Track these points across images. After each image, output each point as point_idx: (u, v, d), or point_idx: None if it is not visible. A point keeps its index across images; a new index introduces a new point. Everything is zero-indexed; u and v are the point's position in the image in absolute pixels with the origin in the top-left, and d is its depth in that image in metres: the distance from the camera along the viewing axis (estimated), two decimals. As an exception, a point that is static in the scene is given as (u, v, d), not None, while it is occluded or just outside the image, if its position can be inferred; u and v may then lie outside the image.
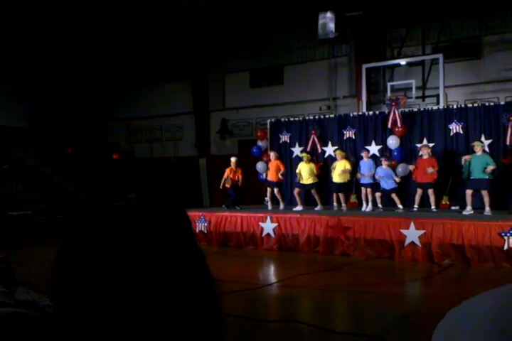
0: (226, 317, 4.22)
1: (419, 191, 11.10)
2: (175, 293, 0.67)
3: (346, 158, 12.31)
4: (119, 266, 0.65)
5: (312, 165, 12.21)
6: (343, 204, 11.90)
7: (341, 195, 11.98)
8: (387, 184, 11.43)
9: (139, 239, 0.67)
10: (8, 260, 6.82)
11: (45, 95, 18.97)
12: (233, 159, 12.91)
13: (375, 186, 11.73)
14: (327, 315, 6.08)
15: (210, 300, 0.72)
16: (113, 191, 15.96)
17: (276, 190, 12.46)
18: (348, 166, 11.87)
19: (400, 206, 11.19)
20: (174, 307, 0.67)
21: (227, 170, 12.81)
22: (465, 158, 10.56)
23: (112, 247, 0.66)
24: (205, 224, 11.45)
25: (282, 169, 12.41)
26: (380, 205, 11.46)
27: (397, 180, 11.41)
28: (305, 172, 12.05)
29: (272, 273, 9.29)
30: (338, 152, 12.28)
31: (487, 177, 10.19)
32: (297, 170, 12.24)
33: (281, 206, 12.30)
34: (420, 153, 11.35)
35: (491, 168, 10.06)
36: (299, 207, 11.98)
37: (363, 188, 11.88)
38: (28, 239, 11.91)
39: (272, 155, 12.74)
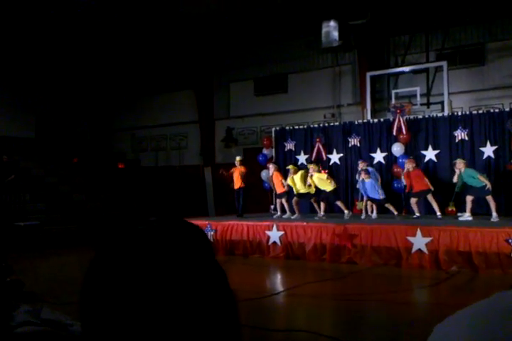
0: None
1: (414, 200, 11.12)
2: (199, 312, 0.70)
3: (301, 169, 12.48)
4: (146, 286, 0.68)
5: (302, 174, 12.13)
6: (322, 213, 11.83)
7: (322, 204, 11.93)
8: (375, 195, 11.44)
9: (163, 262, 0.70)
10: (12, 270, 6.84)
11: (52, 106, 19.10)
12: (238, 157, 12.99)
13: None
14: (335, 323, 6.07)
15: (232, 318, 0.74)
16: (133, 213, 16.00)
17: (283, 200, 12.42)
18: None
19: (395, 213, 11.27)
20: (198, 326, 0.69)
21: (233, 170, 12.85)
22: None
23: (138, 269, 0.69)
24: (212, 233, 11.46)
25: (280, 179, 12.39)
26: (372, 213, 11.57)
27: (380, 194, 11.39)
28: (298, 182, 12.05)
29: (279, 281, 9.27)
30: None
31: (484, 184, 10.21)
32: (286, 183, 12.22)
33: (286, 215, 12.25)
34: (406, 167, 11.30)
35: (482, 178, 10.18)
36: (295, 216, 11.97)
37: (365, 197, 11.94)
38: (36, 250, 11.94)
39: (271, 167, 12.74)
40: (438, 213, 10.95)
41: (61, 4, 13.78)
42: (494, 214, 10.17)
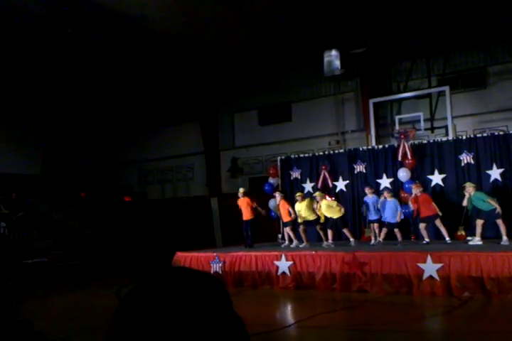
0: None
1: (423, 225, 11.03)
2: None
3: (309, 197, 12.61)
4: (170, 330, 0.73)
5: (308, 201, 12.19)
6: (330, 240, 11.77)
7: (329, 231, 11.88)
8: (392, 219, 11.42)
9: (185, 309, 0.75)
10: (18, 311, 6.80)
11: (57, 141, 19.28)
12: (241, 189, 13.05)
13: (380, 221, 11.80)
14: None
15: None
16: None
17: (288, 229, 12.40)
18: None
19: (400, 239, 11.38)
20: None
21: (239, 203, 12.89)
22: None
23: (163, 313, 0.74)
24: (220, 265, 11.36)
25: (287, 207, 12.38)
26: (381, 240, 11.55)
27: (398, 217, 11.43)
28: (305, 209, 12.07)
29: (289, 313, 9.12)
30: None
31: (493, 207, 10.15)
32: (293, 211, 12.25)
33: (294, 244, 12.20)
34: (414, 192, 11.27)
35: (491, 201, 10.17)
36: (303, 244, 11.96)
37: (371, 224, 11.89)
38: (44, 287, 11.87)
39: (277, 195, 12.76)
40: (447, 238, 10.84)
41: (66, 41, 14.09)
42: (504, 237, 10.06)
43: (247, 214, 12.67)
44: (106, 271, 14.10)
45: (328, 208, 11.74)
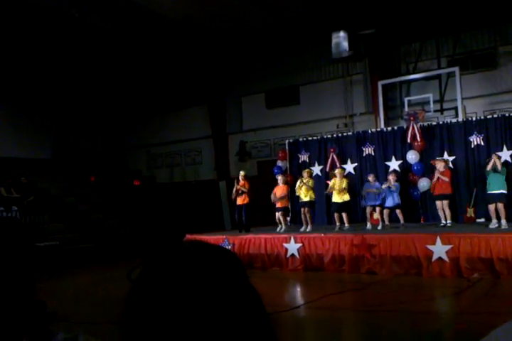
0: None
1: (439, 204, 10.94)
2: (237, 333, 0.74)
3: (345, 176, 12.25)
4: (186, 308, 0.72)
5: (311, 182, 11.94)
6: (346, 225, 11.55)
7: (344, 215, 11.61)
8: (392, 201, 11.32)
9: (201, 283, 0.75)
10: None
11: (67, 126, 19.35)
12: (242, 172, 12.75)
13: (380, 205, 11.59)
14: (357, 336, 5.99)
15: (267, 337, 0.77)
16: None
17: (279, 213, 12.18)
18: (345, 185, 11.67)
19: (402, 222, 11.18)
20: None
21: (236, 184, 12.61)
22: None
23: (181, 293, 0.74)
24: (229, 247, 11.42)
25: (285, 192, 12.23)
26: (387, 222, 11.38)
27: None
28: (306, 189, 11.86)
29: (299, 294, 9.20)
30: (338, 170, 11.99)
31: (502, 191, 10.08)
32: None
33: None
34: (437, 167, 11.14)
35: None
36: (309, 227, 11.77)
37: (368, 208, 11.72)
38: (56, 269, 12.02)
39: (280, 178, 12.49)
40: (449, 221, 10.75)
41: (77, 26, 14.04)
42: (503, 221, 9.98)
43: (241, 199, 12.39)
44: (116, 253, 14.24)
45: (341, 185, 11.66)
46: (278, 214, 12.19)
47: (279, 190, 12.33)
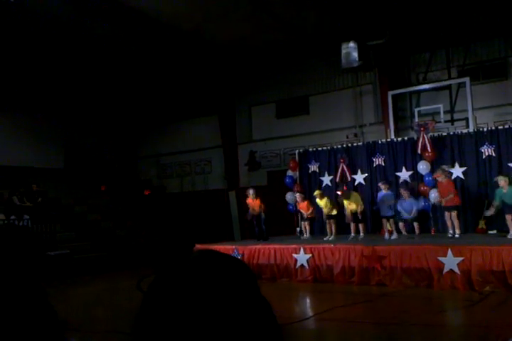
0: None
1: (447, 215, 10.89)
2: None
3: (355, 189, 12.98)
4: (198, 319, 0.73)
5: (326, 199, 12.17)
6: (361, 234, 11.74)
7: (361, 225, 11.85)
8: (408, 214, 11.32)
9: (213, 294, 0.75)
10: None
11: (79, 136, 19.49)
12: (251, 191, 12.79)
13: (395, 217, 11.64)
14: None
15: None
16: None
17: (306, 223, 12.68)
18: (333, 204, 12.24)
19: (417, 232, 11.24)
20: None
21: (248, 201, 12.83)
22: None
23: (191, 299, 0.74)
24: (239, 257, 11.40)
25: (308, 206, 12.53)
26: (404, 233, 11.41)
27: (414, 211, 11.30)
28: (324, 206, 12.12)
29: (308, 305, 9.15)
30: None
31: None
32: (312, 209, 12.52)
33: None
34: (439, 179, 11.10)
35: None
36: (332, 237, 11.95)
37: (384, 220, 11.76)
38: (66, 278, 12.07)
39: (298, 196, 12.82)
40: (457, 231, 10.69)
41: (88, 35, 14.21)
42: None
43: (256, 210, 12.59)
44: (126, 262, 14.27)
45: (356, 200, 11.84)
46: (305, 224, 12.65)
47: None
